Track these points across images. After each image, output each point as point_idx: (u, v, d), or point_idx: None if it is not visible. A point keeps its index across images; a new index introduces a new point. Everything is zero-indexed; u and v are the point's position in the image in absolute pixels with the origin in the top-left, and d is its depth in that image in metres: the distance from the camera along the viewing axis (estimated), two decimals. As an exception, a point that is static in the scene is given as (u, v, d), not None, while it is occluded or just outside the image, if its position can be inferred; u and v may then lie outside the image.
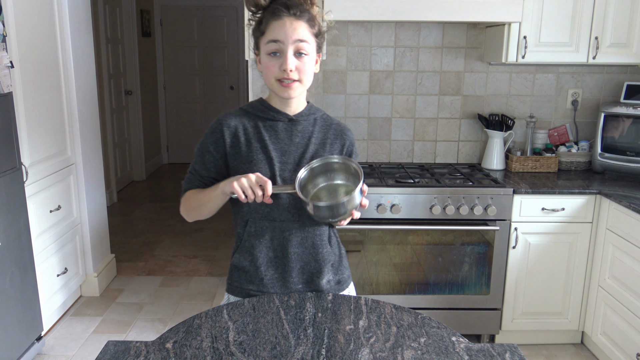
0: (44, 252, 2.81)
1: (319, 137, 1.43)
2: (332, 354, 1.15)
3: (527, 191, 2.60)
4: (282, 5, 1.32)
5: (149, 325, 3.05)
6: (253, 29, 1.39)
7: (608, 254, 2.56)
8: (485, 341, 2.82)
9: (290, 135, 1.41)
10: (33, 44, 2.68)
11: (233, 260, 1.47)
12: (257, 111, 1.42)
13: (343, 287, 1.52)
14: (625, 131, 2.84)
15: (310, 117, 1.44)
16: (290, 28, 1.30)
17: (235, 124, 1.40)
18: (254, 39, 1.39)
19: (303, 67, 1.33)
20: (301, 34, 1.32)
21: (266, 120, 1.41)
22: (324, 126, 1.45)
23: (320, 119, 1.46)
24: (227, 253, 4.11)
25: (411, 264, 2.68)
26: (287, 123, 1.41)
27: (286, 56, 1.31)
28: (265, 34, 1.33)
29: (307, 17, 1.34)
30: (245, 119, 1.41)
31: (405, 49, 3.02)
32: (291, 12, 1.31)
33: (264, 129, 1.40)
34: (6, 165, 2.37)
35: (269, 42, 1.32)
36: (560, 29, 2.68)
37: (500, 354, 1.17)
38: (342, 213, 1.28)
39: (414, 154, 3.15)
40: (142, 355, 1.14)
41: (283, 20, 1.31)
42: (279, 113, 1.41)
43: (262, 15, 1.35)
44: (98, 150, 3.51)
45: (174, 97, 7.01)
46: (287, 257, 1.42)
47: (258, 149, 1.38)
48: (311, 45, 1.34)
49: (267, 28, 1.32)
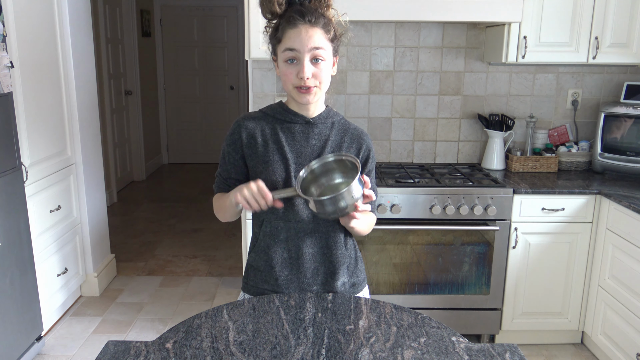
0: (44, 252, 2.81)
1: (335, 141, 1.44)
2: (332, 354, 1.15)
3: (527, 191, 2.60)
4: (297, 12, 1.33)
5: (149, 325, 3.05)
6: (270, 36, 1.40)
7: (608, 254, 2.56)
8: (485, 341, 2.82)
9: (307, 137, 1.43)
10: (33, 44, 2.68)
11: (249, 259, 1.49)
12: (275, 113, 1.45)
13: (358, 289, 1.54)
14: (626, 131, 2.84)
15: (328, 120, 1.46)
16: (305, 36, 1.32)
17: (253, 126, 1.43)
18: (271, 46, 1.40)
19: (320, 73, 1.35)
20: (317, 42, 1.33)
21: (284, 122, 1.44)
22: (340, 130, 1.46)
23: (337, 122, 1.47)
24: (227, 253, 4.11)
25: (411, 264, 2.68)
26: (304, 125, 1.43)
27: (303, 64, 1.33)
28: (282, 42, 1.34)
29: (323, 23, 1.35)
30: (264, 121, 1.44)
31: (405, 49, 3.02)
32: (306, 20, 1.32)
33: (281, 131, 1.42)
34: (6, 165, 2.37)
35: (286, 50, 1.33)
36: (560, 29, 2.68)
37: (500, 354, 1.17)
38: (345, 206, 1.28)
39: (414, 154, 3.15)
40: (142, 355, 1.14)
41: (299, 29, 1.32)
42: (297, 116, 1.43)
43: (278, 22, 1.36)
44: (98, 150, 3.51)
45: (174, 97, 7.01)
46: (302, 257, 1.44)
47: (274, 150, 1.41)
48: (327, 51, 1.36)
49: (284, 36, 1.34)
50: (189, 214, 5.03)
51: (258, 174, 1.41)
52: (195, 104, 7.04)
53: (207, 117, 7.08)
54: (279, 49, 1.36)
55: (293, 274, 1.45)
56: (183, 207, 5.26)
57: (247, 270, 1.51)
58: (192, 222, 4.83)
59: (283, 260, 1.44)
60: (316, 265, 1.45)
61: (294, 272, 1.45)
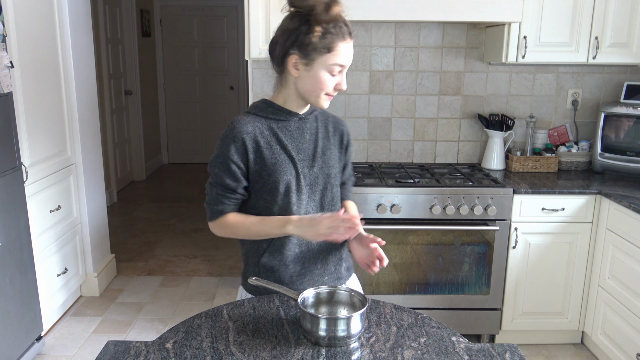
0: (44, 252, 2.81)
1: (322, 132, 1.51)
2: (332, 354, 1.15)
3: (527, 191, 2.60)
4: (347, 26, 1.37)
5: (149, 325, 3.05)
6: (314, 39, 1.33)
7: (608, 254, 2.56)
8: (485, 341, 2.82)
9: (302, 133, 1.47)
10: (33, 44, 2.68)
11: (262, 261, 1.47)
12: (267, 113, 1.45)
13: (350, 272, 1.61)
14: (626, 131, 2.84)
15: (312, 114, 1.52)
16: (351, 53, 1.39)
17: (252, 129, 1.42)
18: (310, 47, 1.34)
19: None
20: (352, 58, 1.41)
21: (279, 121, 1.45)
22: (323, 120, 1.54)
23: (319, 114, 1.54)
24: (227, 253, 4.11)
25: (411, 264, 2.68)
26: (297, 122, 1.47)
27: (343, 78, 1.40)
28: (332, 54, 1.35)
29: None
30: (258, 122, 1.43)
31: (405, 49, 3.02)
32: (352, 36, 1.38)
33: (278, 130, 1.44)
34: (6, 165, 2.37)
35: (335, 64, 1.36)
36: (560, 29, 2.68)
37: (500, 354, 1.17)
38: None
39: (414, 154, 3.15)
40: (142, 355, 1.14)
41: (349, 45, 1.37)
42: (291, 114, 1.46)
43: (327, 29, 1.33)
44: (98, 150, 3.51)
45: (174, 97, 7.01)
46: (311, 249, 1.48)
47: (279, 150, 1.42)
48: None
49: (335, 48, 1.34)
50: (189, 214, 5.03)
51: (266, 177, 1.41)
52: (195, 104, 7.04)
53: (207, 117, 7.07)
54: (324, 58, 1.34)
55: (305, 268, 1.48)
56: (183, 207, 5.26)
57: (260, 273, 1.48)
58: (192, 222, 4.83)
59: (295, 255, 1.46)
60: (324, 255, 1.50)
61: (306, 265, 1.48)
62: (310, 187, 1.45)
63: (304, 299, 1.25)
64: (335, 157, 1.51)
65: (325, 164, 1.47)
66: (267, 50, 1.46)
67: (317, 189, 1.47)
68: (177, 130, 7.10)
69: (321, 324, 1.17)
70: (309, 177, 1.45)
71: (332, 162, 1.49)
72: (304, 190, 1.44)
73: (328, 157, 1.48)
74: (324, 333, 1.16)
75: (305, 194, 1.44)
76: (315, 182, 1.46)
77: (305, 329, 1.19)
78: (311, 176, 1.45)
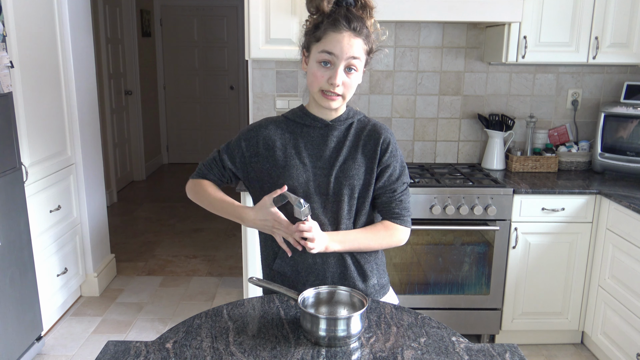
0: (44, 252, 2.81)
1: (351, 140, 1.43)
2: (332, 354, 1.15)
3: (527, 191, 2.60)
4: (344, 17, 1.30)
5: (149, 325, 3.05)
6: (307, 30, 1.37)
7: (608, 254, 2.56)
8: (485, 341, 2.82)
9: (326, 140, 1.42)
10: (33, 44, 2.67)
11: (275, 266, 1.46)
12: (296, 117, 1.44)
13: (385, 290, 1.53)
14: (626, 131, 2.84)
15: (347, 121, 1.44)
16: (347, 44, 1.30)
17: (273, 129, 1.43)
18: (306, 40, 1.37)
19: (350, 83, 1.34)
20: (355, 51, 1.31)
21: (303, 126, 1.43)
22: (358, 129, 1.44)
23: (357, 122, 1.46)
24: (227, 253, 4.11)
25: (411, 264, 2.68)
26: (323, 129, 1.42)
27: (337, 71, 1.31)
28: (321, 42, 1.32)
29: (365, 34, 1.33)
30: (284, 125, 1.44)
31: (405, 49, 3.02)
32: (351, 27, 1.30)
33: (300, 136, 1.42)
34: (6, 165, 2.37)
35: (323, 52, 1.31)
36: (560, 29, 2.68)
37: (500, 354, 1.17)
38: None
39: (414, 154, 3.15)
40: (142, 355, 1.14)
41: (342, 35, 1.30)
42: (316, 119, 1.42)
43: (321, 20, 1.33)
44: (98, 150, 3.51)
45: (174, 97, 7.01)
46: (327, 262, 1.42)
47: (293, 154, 1.40)
48: (361, 62, 1.35)
49: (325, 37, 1.31)
50: (189, 214, 5.03)
51: (275, 178, 1.39)
52: (195, 103, 7.04)
53: (207, 117, 7.07)
54: (314, 48, 1.33)
55: (319, 280, 1.42)
56: (183, 207, 5.26)
57: (274, 278, 1.47)
58: (192, 222, 4.82)
59: (308, 266, 1.42)
60: (342, 270, 1.43)
61: (320, 277, 1.43)
62: (324, 197, 1.39)
63: (304, 299, 1.25)
64: (358, 168, 1.40)
65: (344, 174, 1.39)
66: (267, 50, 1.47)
67: (332, 199, 1.40)
68: (177, 130, 7.10)
69: (321, 324, 1.17)
70: (323, 185, 1.39)
71: (353, 172, 1.39)
72: (314, 198, 1.39)
73: (349, 166, 1.39)
74: (324, 333, 1.16)
75: (317, 202, 1.39)
76: (330, 191, 1.39)
77: (305, 329, 1.19)
78: (326, 185, 1.39)
